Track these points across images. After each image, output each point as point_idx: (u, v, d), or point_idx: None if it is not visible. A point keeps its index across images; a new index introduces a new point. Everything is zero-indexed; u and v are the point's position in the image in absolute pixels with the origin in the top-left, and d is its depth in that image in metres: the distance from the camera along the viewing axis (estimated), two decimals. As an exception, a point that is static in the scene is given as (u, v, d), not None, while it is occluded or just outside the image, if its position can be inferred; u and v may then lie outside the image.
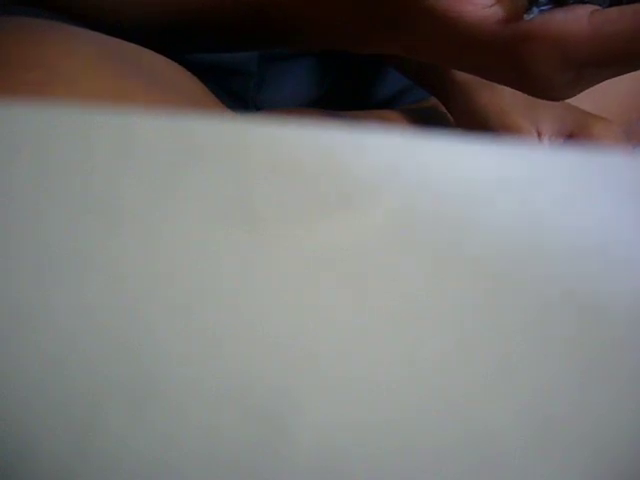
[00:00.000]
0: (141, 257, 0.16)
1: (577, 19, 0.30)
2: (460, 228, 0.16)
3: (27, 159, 0.16)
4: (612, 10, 0.30)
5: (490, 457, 0.14)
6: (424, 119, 0.56)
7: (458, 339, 0.15)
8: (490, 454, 0.14)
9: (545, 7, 0.31)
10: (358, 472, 0.14)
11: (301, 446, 0.14)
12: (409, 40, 0.35)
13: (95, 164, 0.16)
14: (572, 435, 0.14)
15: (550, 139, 0.49)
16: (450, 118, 0.54)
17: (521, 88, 0.35)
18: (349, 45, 0.38)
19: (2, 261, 0.15)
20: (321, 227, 0.16)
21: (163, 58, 0.36)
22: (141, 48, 0.35)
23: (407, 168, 0.17)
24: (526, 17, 0.31)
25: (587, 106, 0.49)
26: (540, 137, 0.49)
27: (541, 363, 0.15)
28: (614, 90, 0.55)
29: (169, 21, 0.40)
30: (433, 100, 0.56)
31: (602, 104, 0.53)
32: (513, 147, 0.17)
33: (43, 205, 0.16)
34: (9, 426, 0.14)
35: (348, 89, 0.60)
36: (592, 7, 0.30)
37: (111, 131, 0.17)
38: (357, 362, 0.15)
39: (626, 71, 0.32)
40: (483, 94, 0.50)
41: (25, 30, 0.31)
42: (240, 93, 0.55)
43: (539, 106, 0.49)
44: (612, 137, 0.47)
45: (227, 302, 0.15)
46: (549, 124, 0.49)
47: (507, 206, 0.16)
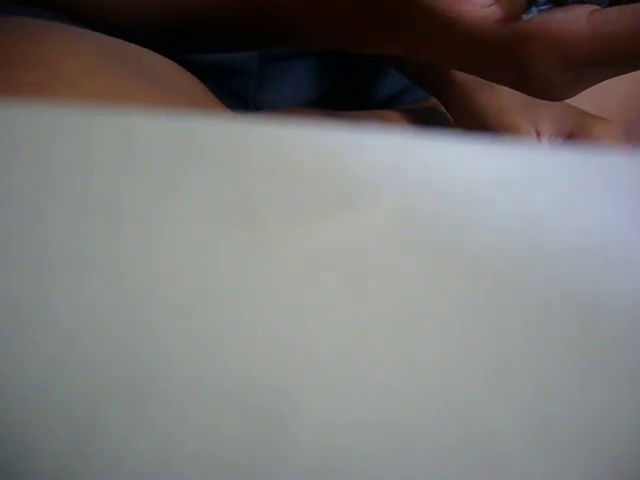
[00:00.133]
0: (141, 257, 0.16)
1: (576, 19, 0.30)
2: (460, 228, 0.16)
3: (27, 159, 0.16)
4: (611, 10, 0.30)
5: (490, 457, 0.14)
6: (424, 119, 0.56)
7: (458, 339, 0.15)
8: (490, 454, 0.14)
9: (544, 7, 0.31)
10: (358, 472, 0.14)
11: (301, 446, 0.14)
12: (409, 40, 0.35)
13: (95, 164, 0.16)
14: (572, 435, 0.14)
15: (549, 139, 0.49)
16: (450, 118, 0.53)
17: (520, 88, 0.35)
18: (349, 45, 0.38)
19: (2, 261, 0.15)
20: (321, 227, 0.16)
21: (163, 58, 0.36)
22: (141, 48, 0.35)
23: (407, 168, 0.17)
24: (525, 17, 0.31)
25: (586, 106, 0.49)
26: (539, 137, 0.49)
27: (541, 363, 0.15)
28: (613, 90, 0.55)
29: (169, 21, 0.40)
30: (433, 100, 0.56)
31: (601, 104, 0.53)
32: (513, 147, 0.17)
33: (43, 205, 0.16)
34: (9, 426, 0.14)
35: (348, 89, 0.60)
36: (591, 7, 0.30)
37: (111, 131, 0.17)
38: (357, 362, 0.15)
39: (625, 71, 0.31)
40: (482, 94, 0.50)
41: (25, 30, 0.31)
42: (240, 93, 0.55)
43: (538, 106, 0.49)
44: (612, 137, 0.47)
45: (227, 302, 0.15)
46: (548, 124, 0.49)
47: (507, 206, 0.16)
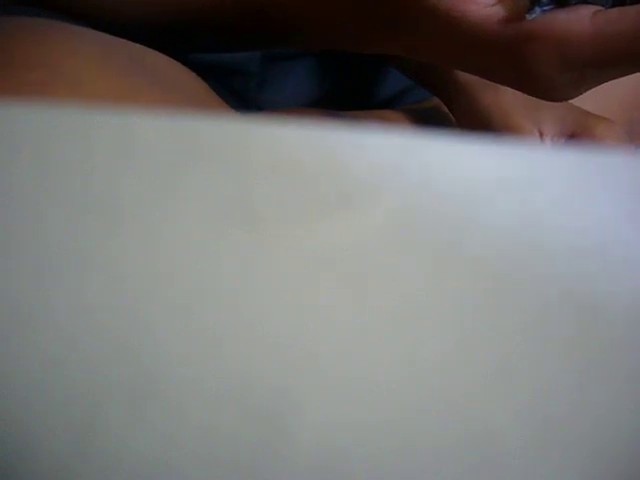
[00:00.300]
0: (141, 257, 0.16)
1: (579, 19, 0.30)
2: (460, 228, 0.16)
3: (27, 159, 0.16)
4: (614, 11, 0.30)
5: (490, 457, 0.14)
6: (425, 119, 0.56)
7: (458, 339, 0.15)
8: (490, 454, 0.14)
9: (547, 7, 0.31)
10: (358, 472, 0.14)
11: (301, 446, 0.14)
12: (411, 40, 0.35)
13: (95, 164, 0.16)
14: (571, 435, 0.14)
15: (552, 140, 0.49)
16: (452, 118, 0.53)
17: (523, 89, 0.34)
18: (349, 45, 0.38)
19: (2, 261, 0.15)
20: (321, 227, 0.16)
21: (166, 57, 0.36)
22: (144, 47, 0.35)
23: (407, 168, 0.17)
24: (528, 17, 0.31)
25: (589, 106, 0.49)
26: (542, 138, 0.49)
27: (541, 363, 0.15)
28: (616, 90, 0.54)
29: (169, 21, 0.40)
30: (435, 100, 0.56)
31: (604, 104, 0.53)
32: (513, 147, 0.17)
33: (43, 205, 0.16)
34: (9, 426, 0.14)
35: (349, 89, 0.60)
36: (594, 8, 0.30)
37: (111, 131, 0.17)
38: (357, 362, 0.15)
39: (629, 72, 0.31)
40: (485, 95, 0.50)
41: (27, 30, 0.31)
42: (241, 93, 0.54)
43: (541, 107, 0.49)
44: (614, 137, 0.47)
45: (227, 302, 0.15)
46: (551, 125, 0.49)
47: (507, 206, 0.16)
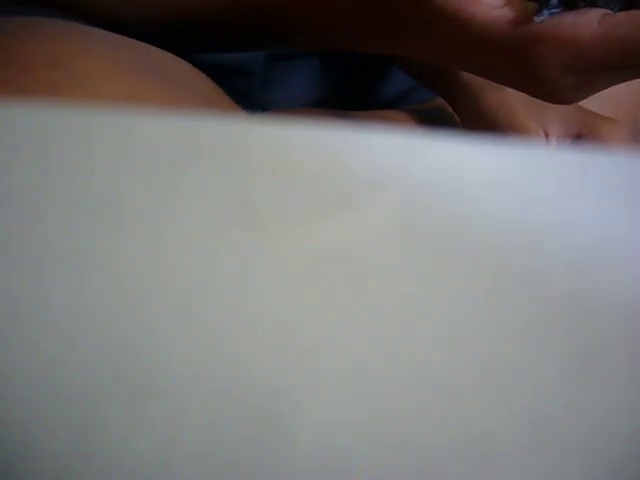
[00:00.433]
0: (141, 257, 0.16)
1: (587, 22, 0.30)
2: (460, 228, 0.16)
3: (27, 159, 0.16)
4: (622, 14, 0.30)
5: (490, 457, 0.14)
6: (430, 119, 0.56)
7: (457, 338, 0.15)
8: (490, 454, 0.14)
9: (555, 10, 0.31)
10: (358, 472, 0.14)
11: (301, 446, 0.14)
12: (418, 42, 0.35)
13: (95, 164, 0.16)
14: (571, 435, 0.14)
15: (558, 140, 0.49)
16: (456, 119, 0.53)
17: (529, 91, 0.34)
18: (350, 45, 0.38)
19: (2, 261, 0.15)
20: (321, 227, 0.16)
21: (175, 57, 0.36)
22: (152, 47, 0.35)
23: (407, 168, 0.17)
24: (536, 19, 0.31)
25: (594, 106, 0.49)
26: (548, 138, 0.49)
27: (540, 363, 0.15)
28: (621, 90, 0.54)
29: (169, 21, 0.40)
30: (439, 100, 0.56)
31: (609, 104, 0.53)
32: (513, 147, 0.17)
33: (43, 205, 0.16)
34: (9, 426, 0.14)
35: (353, 89, 0.60)
36: (603, 11, 0.30)
37: (111, 131, 0.17)
38: (357, 362, 0.15)
39: (636, 76, 0.31)
40: (490, 95, 0.50)
41: (37, 29, 0.31)
42: (245, 94, 0.54)
43: (547, 107, 0.48)
44: (620, 138, 0.47)
45: (227, 302, 0.15)
46: (557, 125, 0.49)
47: (507, 206, 0.16)
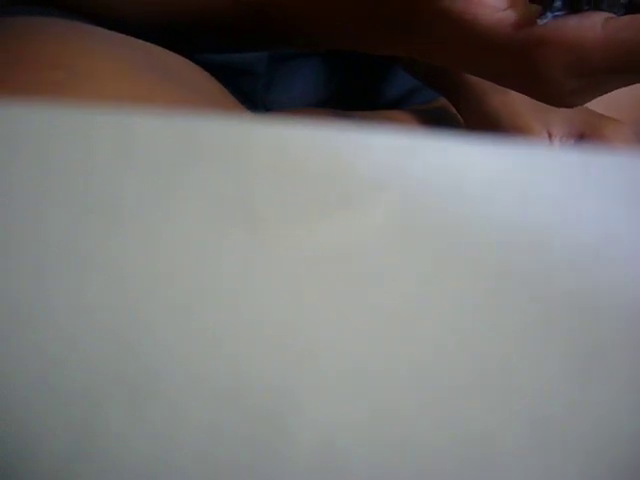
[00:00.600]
0: (142, 257, 0.16)
1: (591, 26, 0.30)
2: (460, 228, 0.16)
3: (28, 159, 0.16)
4: (626, 18, 0.30)
5: (490, 457, 0.14)
6: (433, 120, 0.56)
7: (457, 338, 0.15)
8: (490, 453, 0.14)
9: (559, 13, 0.31)
10: (358, 472, 0.14)
11: (301, 446, 0.14)
12: (423, 43, 0.35)
13: (96, 164, 0.16)
14: (571, 435, 0.14)
15: (561, 141, 0.49)
16: (460, 119, 0.53)
17: (533, 94, 0.34)
18: (349, 45, 0.38)
19: (3, 261, 0.15)
20: (322, 227, 0.16)
21: (179, 57, 0.36)
22: (155, 46, 0.35)
23: (407, 168, 0.17)
24: (540, 22, 0.31)
25: (597, 106, 0.49)
26: (551, 139, 0.49)
27: (541, 363, 0.15)
28: (624, 90, 0.54)
29: (169, 21, 0.40)
30: (442, 101, 0.56)
31: (612, 104, 0.53)
32: (514, 147, 0.17)
33: (44, 205, 0.16)
34: (9, 426, 0.14)
35: (357, 89, 0.60)
36: (606, 14, 0.30)
37: (112, 131, 0.17)
38: (357, 362, 0.15)
39: (639, 79, 0.31)
40: (494, 96, 0.50)
41: (41, 28, 0.31)
42: (249, 94, 0.54)
43: (550, 108, 0.48)
44: (623, 138, 0.47)
45: (227, 302, 0.15)
46: (560, 126, 0.49)
47: (507, 206, 0.16)
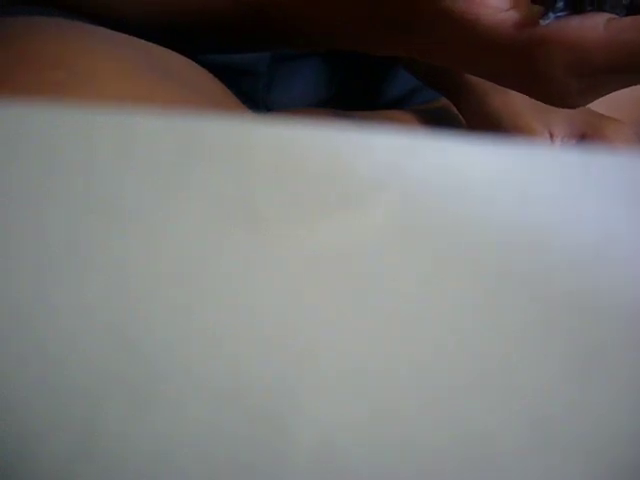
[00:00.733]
0: (143, 257, 0.16)
1: (593, 26, 0.30)
2: (460, 228, 0.16)
3: (29, 159, 0.16)
4: (628, 19, 0.30)
5: (490, 457, 0.14)
6: (434, 120, 0.56)
7: (457, 338, 0.15)
8: (490, 454, 0.14)
9: (561, 13, 0.31)
10: (358, 472, 0.14)
11: (301, 446, 0.14)
12: (424, 43, 0.35)
13: (97, 164, 0.16)
14: (571, 435, 0.14)
15: (562, 141, 0.49)
16: (461, 119, 0.53)
17: (534, 94, 0.34)
18: (350, 45, 0.38)
19: (4, 260, 0.15)
20: (323, 227, 0.16)
21: (181, 57, 0.36)
22: (157, 46, 0.35)
23: (408, 168, 0.17)
24: (542, 22, 0.31)
25: (598, 107, 0.49)
26: (552, 139, 0.49)
27: (541, 363, 0.15)
28: (625, 91, 0.54)
29: (169, 21, 0.40)
30: (443, 100, 0.56)
31: (614, 104, 0.53)
32: (514, 147, 0.17)
33: (46, 204, 0.16)
34: (9, 426, 0.14)
35: (357, 89, 0.60)
36: (608, 15, 0.30)
37: (113, 131, 0.17)
38: (357, 362, 0.15)
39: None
40: (495, 96, 0.50)
41: (41, 28, 0.31)
42: (250, 94, 0.54)
43: (551, 108, 0.48)
44: (624, 138, 0.47)
45: (228, 302, 0.15)
46: (561, 126, 0.49)
47: (507, 206, 0.16)
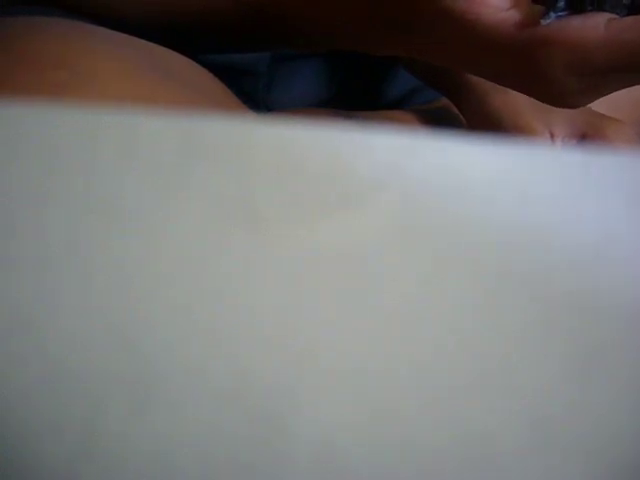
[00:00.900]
0: (143, 256, 0.16)
1: (594, 26, 0.30)
2: (460, 228, 0.16)
3: (31, 159, 0.16)
4: (629, 19, 0.30)
5: (489, 456, 0.14)
6: (435, 120, 0.56)
7: (458, 339, 0.15)
8: (490, 454, 0.14)
9: (562, 13, 0.31)
10: (358, 472, 0.14)
11: (301, 446, 0.14)
12: (425, 43, 0.35)
13: (99, 164, 0.16)
14: (572, 435, 0.14)
15: (563, 141, 0.49)
16: (461, 119, 0.53)
17: (535, 94, 0.34)
18: (350, 45, 0.38)
19: (4, 260, 0.15)
20: (323, 227, 0.16)
21: (182, 57, 0.36)
22: (158, 46, 0.35)
23: (408, 168, 0.17)
24: (543, 22, 0.31)
25: (599, 106, 0.49)
26: (553, 139, 0.49)
27: (541, 363, 0.15)
28: (623, 95, 0.54)
29: (169, 21, 0.40)
30: (444, 100, 0.56)
31: (614, 105, 0.53)
32: (514, 147, 0.17)
33: (47, 205, 0.16)
34: (10, 426, 0.14)
35: (358, 89, 0.60)
36: (609, 15, 0.30)
37: (114, 131, 0.17)
38: (357, 361, 0.15)
39: None
40: (496, 96, 0.50)
41: (43, 28, 0.31)
42: (251, 94, 0.54)
43: (552, 108, 0.48)
44: (625, 138, 0.47)
45: (228, 302, 0.15)
46: (562, 126, 0.49)
47: (507, 206, 0.16)
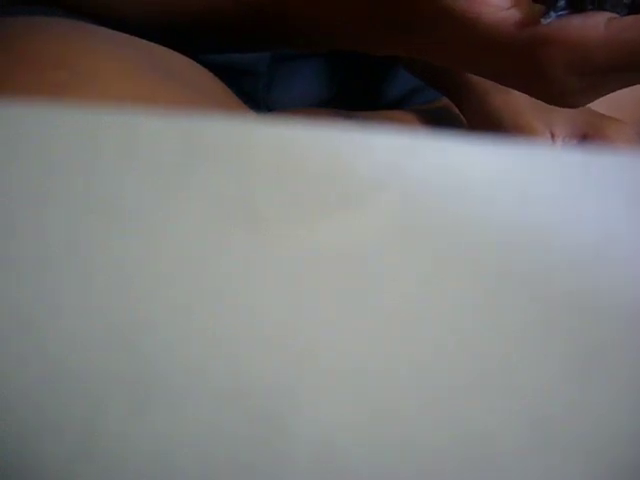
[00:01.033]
0: (143, 257, 0.16)
1: (594, 25, 0.30)
2: (460, 228, 0.16)
3: (31, 159, 0.16)
4: (630, 18, 0.30)
5: (490, 457, 0.14)
6: (435, 120, 0.56)
7: (458, 339, 0.15)
8: (490, 454, 0.14)
9: (562, 12, 0.31)
10: (358, 472, 0.14)
11: (301, 446, 0.14)
12: (425, 43, 0.35)
13: (99, 164, 0.16)
14: (572, 435, 0.14)
15: (564, 141, 0.49)
16: (462, 119, 0.53)
17: (535, 94, 0.34)
18: (349, 45, 0.38)
19: (4, 260, 0.15)
20: (323, 227, 0.16)
21: (182, 57, 0.36)
22: (158, 46, 0.35)
23: (408, 168, 0.17)
24: (543, 21, 0.31)
25: (600, 106, 0.49)
26: (554, 139, 0.49)
27: (541, 363, 0.15)
28: (624, 94, 0.54)
29: (169, 21, 0.40)
30: (444, 100, 0.56)
31: (615, 105, 0.53)
32: (514, 147, 0.17)
33: (47, 205, 0.16)
34: (10, 426, 0.14)
35: (358, 89, 0.60)
36: (609, 14, 0.30)
37: (115, 131, 0.17)
38: (357, 361, 0.15)
39: None
40: (497, 96, 0.50)
41: (43, 28, 0.31)
42: (251, 94, 0.54)
43: (553, 108, 0.48)
44: (626, 138, 0.47)
45: (228, 302, 0.15)
46: (562, 126, 0.49)
47: (507, 206, 0.16)
